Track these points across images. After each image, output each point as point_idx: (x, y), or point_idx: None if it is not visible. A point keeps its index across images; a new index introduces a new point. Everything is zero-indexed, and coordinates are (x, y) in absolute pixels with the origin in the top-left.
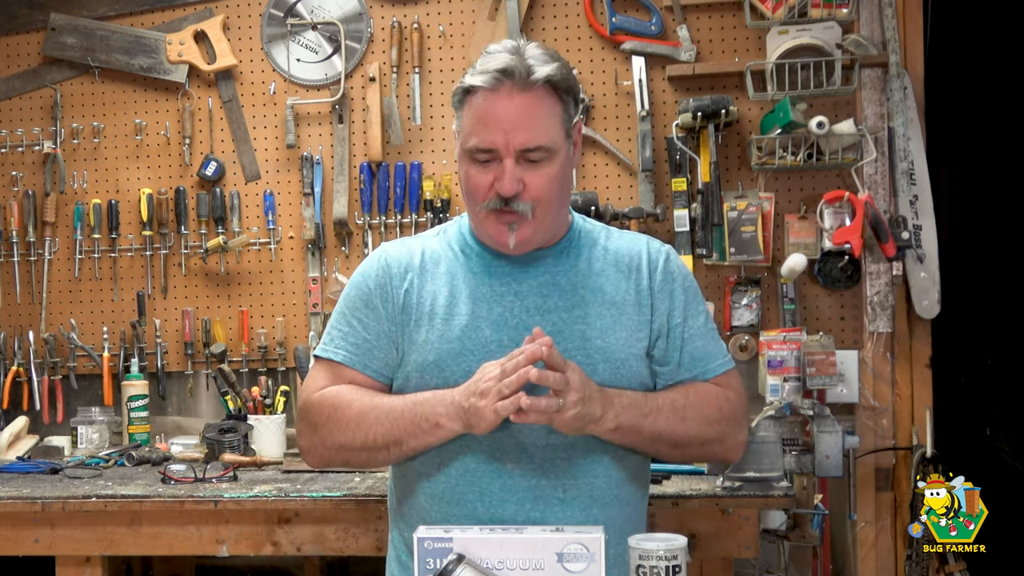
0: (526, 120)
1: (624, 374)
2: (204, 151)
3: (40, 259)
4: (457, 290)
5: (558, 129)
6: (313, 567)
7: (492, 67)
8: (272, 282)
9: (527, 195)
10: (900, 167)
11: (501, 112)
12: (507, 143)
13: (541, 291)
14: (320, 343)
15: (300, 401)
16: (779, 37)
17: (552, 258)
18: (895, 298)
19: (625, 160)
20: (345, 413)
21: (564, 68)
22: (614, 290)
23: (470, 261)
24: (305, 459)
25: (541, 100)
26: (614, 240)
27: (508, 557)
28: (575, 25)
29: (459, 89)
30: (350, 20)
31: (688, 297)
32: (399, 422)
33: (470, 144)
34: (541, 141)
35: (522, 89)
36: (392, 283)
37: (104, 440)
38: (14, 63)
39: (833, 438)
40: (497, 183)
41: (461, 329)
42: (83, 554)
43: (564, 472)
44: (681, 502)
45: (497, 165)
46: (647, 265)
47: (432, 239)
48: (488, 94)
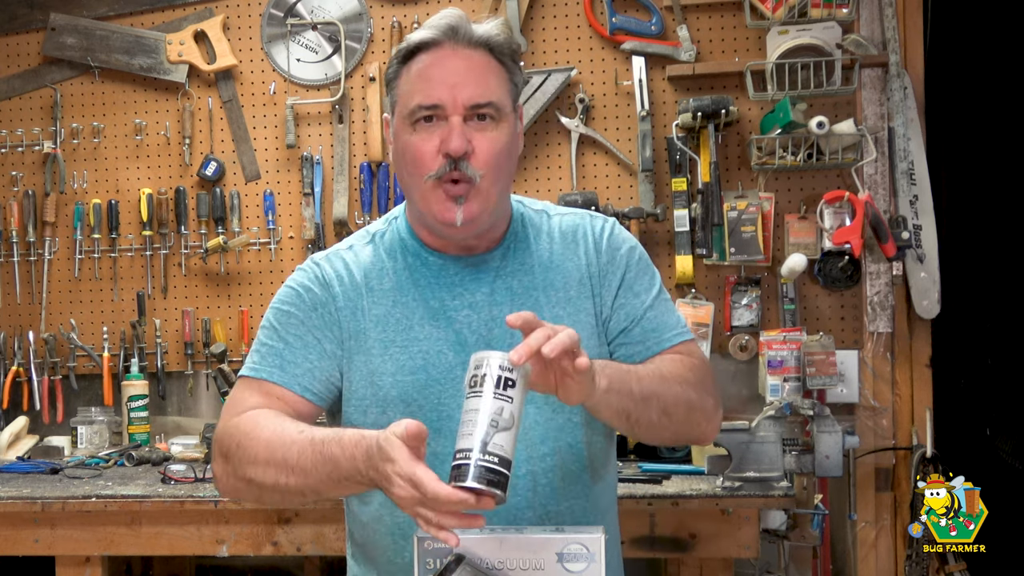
0: (473, 75)
1: None
2: (204, 151)
3: (40, 259)
4: (409, 310)
5: (506, 93)
6: (313, 567)
7: (434, 22)
8: (272, 282)
9: (475, 160)
10: (900, 167)
11: (447, 67)
12: (454, 98)
13: (495, 298)
14: (246, 362)
15: (216, 431)
16: (779, 37)
17: (499, 259)
18: (895, 298)
19: (625, 160)
20: (255, 443)
21: (506, 31)
22: (565, 282)
23: (415, 273)
24: (217, 488)
25: (488, 60)
26: (556, 223)
27: (508, 557)
28: (575, 25)
29: (396, 57)
30: (350, 20)
31: (637, 272)
32: (311, 468)
33: (412, 103)
34: (490, 97)
35: (467, 46)
36: (336, 303)
37: (104, 440)
38: (14, 63)
39: (833, 438)
40: (444, 143)
41: (423, 357)
42: (83, 554)
43: (548, 498)
44: (681, 502)
45: (442, 126)
46: (592, 246)
47: (364, 248)
48: (431, 52)
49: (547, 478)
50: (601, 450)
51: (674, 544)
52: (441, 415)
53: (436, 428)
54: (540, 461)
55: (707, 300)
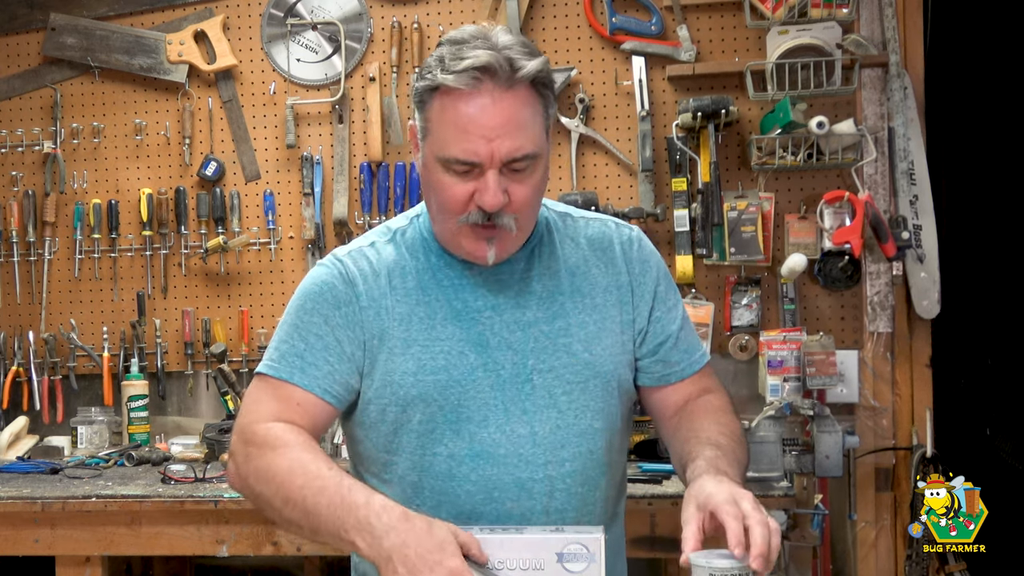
0: (512, 126)
1: (615, 388)
2: (204, 151)
3: (40, 259)
4: (432, 310)
5: (541, 131)
6: (313, 567)
7: (469, 64)
8: (272, 282)
9: (511, 208)
10: (900, 167)
11: (484, 119)
12: (491, 154)
13: (518, 301)
14: (265, 357)
15: (239, 425)
16: (779, 37)
17: (524, 260)
18: (895, 298)
19: (625, 160)
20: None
21: (545, 61)
22: (592, 289)
23: (439, 273)
24: (227, 479)
25: (525, 101)
26: (581, 228)
27: (508, 557)
28: (575, 25)
29: (425, 87)
30: (350, 20)
31: (666, 285)
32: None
33: (447, 155)
34: (528, 149)
35: (505, 89)
36: (360, 302)
37: (104, 440)
38: (14, 63)
39: (833, 438)
40: (479, 196)
41: (445, 357)
42: (83, 554)
43: (564, 503)
44: (681, 502)
45: (477, 176)
46: (621, 255)
47: (386, 246)
48: (466, 96)
49: (564, 483)
50: (619, 457)
51: (674, 544)
52: (460, 416)
53: (455, 429)
54: (559, 466)
55: (707, 300)
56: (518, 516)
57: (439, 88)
